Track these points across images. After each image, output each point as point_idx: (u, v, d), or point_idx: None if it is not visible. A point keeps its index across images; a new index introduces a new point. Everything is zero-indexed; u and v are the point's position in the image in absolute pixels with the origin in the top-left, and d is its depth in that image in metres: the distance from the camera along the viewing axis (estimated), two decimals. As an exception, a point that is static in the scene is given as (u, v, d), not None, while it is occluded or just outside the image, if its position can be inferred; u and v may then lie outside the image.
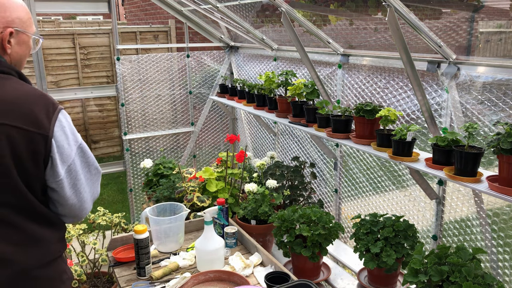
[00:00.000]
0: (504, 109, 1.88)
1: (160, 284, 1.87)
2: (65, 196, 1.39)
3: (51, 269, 1.42)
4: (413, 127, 1.97)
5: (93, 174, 1.48)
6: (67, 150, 1.36)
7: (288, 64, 3.40)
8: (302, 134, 3.33)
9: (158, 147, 4.22)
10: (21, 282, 1.33)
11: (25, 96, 1.33)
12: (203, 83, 4.30)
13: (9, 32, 1.36)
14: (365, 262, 2.09)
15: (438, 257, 1.71)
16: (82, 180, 1.43)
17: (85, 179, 1.45)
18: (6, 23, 1.36)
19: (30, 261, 1.36)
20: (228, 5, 3.19)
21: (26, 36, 1.43)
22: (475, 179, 1.71)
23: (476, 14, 2.03)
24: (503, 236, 2.00)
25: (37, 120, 1.30)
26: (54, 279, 1.43)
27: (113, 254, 2.11)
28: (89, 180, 1.46)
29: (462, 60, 2.05)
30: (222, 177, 2.84)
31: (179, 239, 2.19)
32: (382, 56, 2.47)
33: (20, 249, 1.34)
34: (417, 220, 2.44)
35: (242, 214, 2.59)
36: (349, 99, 2.78)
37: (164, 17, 7.84)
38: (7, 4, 1.36)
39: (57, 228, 1.46)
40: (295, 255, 2.24)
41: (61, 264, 1.47)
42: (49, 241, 1.41)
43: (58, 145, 1.34)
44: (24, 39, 1.42)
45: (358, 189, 2.86)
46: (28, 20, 1.43)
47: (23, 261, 1.34)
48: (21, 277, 1.34)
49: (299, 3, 2.85)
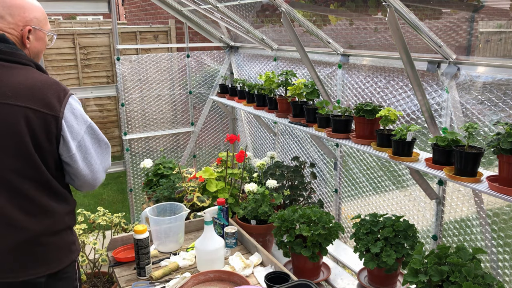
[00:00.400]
0: (504, 109, 1.88)
1: (160, 284, 1.87)
2: (79, 168, 1.59)
3: (59, 238, 1.61)
4: (413, 127, 1.97)
5: (103, 148, 1.70)
6: (76, 128, 1.57)
7: (288, 64, 3.40)
8: (302, 134, 3.33)
9: (158, 147, 4.22)
10: (32, 246, 1.54)
11: (41, 83, 1.53)
12: (203, 83, 4.30)
13: (28, 30, 1.58)
14: (365, 262, 2.09)
15: (438, 257, 1.71)
16: (93, 154, 1.64)
17: (96, 153, 1.65)
18: (25, 22, 1.58)
19: (40, 229, 1.55)
20: (228, 5, 3.19)
21: (42, 33, 1.65)
22: (475, 179, 1.71)
23: (476, 14, 2.03)
24: (503, 236, 2.00)
25: (50, 104, 1.51)
26: (62, 248, 1.62)
27: (113, 254, 2.11)
28: (99, 153, 1.67)
29: (462, 60, 2.05)
30: (222, 177, 2.84)
31: (179, 239, 2.19)
32: (382, 56, 2.47)
33: (32, 218, 1.53)
34: (417, 220, 2.44)
35: (242, 214, 2.59)
36: (349, 99, 2.78)
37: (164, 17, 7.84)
38: (26, 6, 1.59)
39: (66, 202, 1.64)
40: (295, 255, 2.24)
41: (70, 236, 1.66)
42: (58, 213, 1.60)
43: (68, 125, 1.54)
44: (41, 35, 1.65)
45: (358, 189, 2.86)
46: (44, 19, 1.66)
47: (34, 229, 1.53)
48: (32, 242, 1.54)
49: (299, 3, 2.85)
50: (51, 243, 1.58)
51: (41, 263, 1.57)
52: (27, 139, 1.48)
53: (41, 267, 1.56)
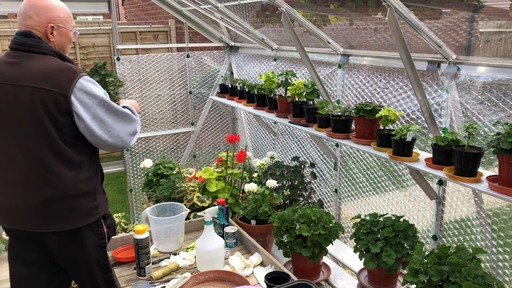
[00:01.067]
0: (504, 109, 1.88)
1: (160, 284, 1.87)
2: (97, 135, 1.90)
3: (75, 202, 1.91)
4: (413, 127, 1.97)
5: (121, 116, 1.98)
6: (88, 103, 1.86)
7: (288, 64, 3.40)
8: (302, 134, 3.33)
9: (158, 147, 4.22)
10: (50, 206, 1.88)
11: (55, 69, 1.85)
12: (203, 83, 4.30)
13: (50, 27, 1.91)
14: (365, 262, 2.09)
15: (438, 257, 1.71)
16: (110, 122, 1.93)
17: (114, 122, 1.95)
18: (49, 20, 1.91)
19: (55, 192, 1.87)
20: (228, 5, 3.19)
21: (66, 29, 1.98)
22: (475, 179, 1.71)
23: (476, 14, 2.03)
24: (503, 236, 2.00)
25: (60, 84, 1.82)
26: (78, 211, 1.93)
27: (113, 254, 2.11)
28: (118, 121, 1.97)
29: (462, 60, 2.05)
30: (222, 177, 2.84)
31: (179, 239, 2.19)
32: (382, 56, 2.47)
33: (49, 182, 1.86)
34: (417, 220, 2.44)
35: (242, 214, 2.59)
36: (349, 99, 2.78)
37: (164, 17, 7.84)
38: (49, 7, 1.92)
39: (78, 170, 1.92)
40: (295, 255, 2.24)
41: (88, 202, 1.96)
42: (71, 179, 1.89)
43: (79, 101, 1.84)
44: (64, 31, 1.97)
45: (358, 189, 2.86)
46: (68, 17, 1.98)
47: (51, 192, 1.87)
48: (50, 203, 1.88)
49: (299, 3, 2.85)
50: (66, 205, 1.90)
51: (59, 220, 1.90)
52: (42, 114, 1.81)
53: (58, 223, 1.90)
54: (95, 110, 1.88)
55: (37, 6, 1.89)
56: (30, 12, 1.89)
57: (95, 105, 1.88)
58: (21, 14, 1.91)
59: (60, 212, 1.90)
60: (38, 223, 1.89)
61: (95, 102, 1.88)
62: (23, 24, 1.90)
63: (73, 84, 1.83)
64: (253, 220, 2.55)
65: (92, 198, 1.98)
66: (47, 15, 1.90)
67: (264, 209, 2.50)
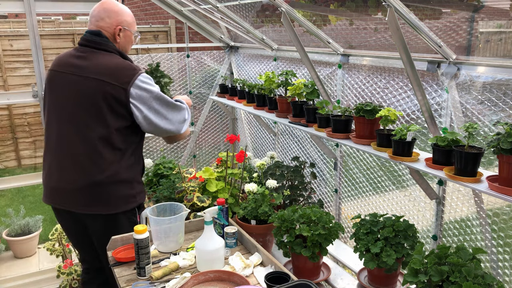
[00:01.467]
0: (504, 109, 1.88)
1: (160, 284, 1.87)
2: (153, 123, 2.14)
3: (116, 188, 2.11)
4: (413, 127, 1.97)
5: (173, 107, 2.21)
6: (145, 97, 2.09)
7: (288, 64, 3.40)
8: (302, 134, 3.33)
9: (158, 147, 4.22)
10: (94, 190, 2.08)
11: (118, 65, 2.10)
12: (203, 83, 4.30)
13: (118, 29, 2.18)
14: (365, 262, 2.09)
15: (438, 257, 1.71)
16: (163, 112, 2.17)
17: (167, 111, 2.18)
18: (118, 23, 2.18)
19: (101, 178, 2.06)
20: (228, 5, 3.19)
21: (130, 32, 2.24)
22: (475, 179, 1.71)
23: (476, 14, 2.03)
24: (503, 236, 2.00)
25: (121, 79, 2.05)
26: (119, 197, 2.12)
27: (113, 254, 2.11)
28: (170, 111, 2.20)
29: (462, 60, 2.05)
30: (222, 177, 2.83)
31: (179, 239, 2.19)
32: (382, 56, 2.47)
33: (98, 167, 2.06)
34: (417, 220, 2.44)
35: (242, 214, 2.59)
36: (349, 99, 2.78)
37: (164, 17, 7.84)
38: (119, 11, 2.20)
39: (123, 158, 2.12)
40: (295, 255, 2.24)
41: (128, 190, 2.16)
42: (116, 166, 2.10)
43: (136, 94, 2.07)
44: (128, 34, 2.23)
45: (358, 189, 2.86)
46: (133, 22, 2.26)
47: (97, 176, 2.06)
48: (95, 187, 2.07)
49: (299, 3, 2.85)
50: (108, 191, 2.09)
51: (99, 204, 2.08)
52: (102, 104, 2.04)
53: (98, 207, 2.09)
54: (151, 103, 2.11)
55: (109, 10, 2.17)
56: (102, 14, 2.16)
57: (151, 99, 2.11)
58: (93, 16, 2.17)
59: (102, 197, 2.09)
60: (80, 204, 2.10)
61: (151, 96, 2.11)
62: (95, 25, 2.16)
63: (132, 80, 2.06)
64: (253, 220, 2.55)
65: (131, 186, 2.17)
66: (117, 18, 2.17)
67: (264, 209, 2.50)
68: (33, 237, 4.04)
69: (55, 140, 2.13)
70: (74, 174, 2.08)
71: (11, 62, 6.12)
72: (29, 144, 6.49)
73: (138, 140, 2.22)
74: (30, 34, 3.23)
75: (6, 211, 4.23)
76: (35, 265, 3.89)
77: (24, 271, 3.73)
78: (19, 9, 3.21)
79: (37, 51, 3.27)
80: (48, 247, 3.06)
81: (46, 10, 3.37)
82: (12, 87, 6.17)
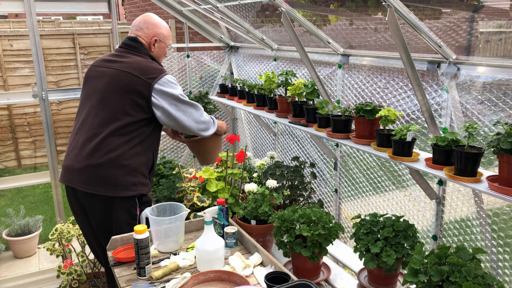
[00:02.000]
0: (504, 109, 1.88)
1: (160, 284, 1.87)
2: (173, 116, 2.34)
3: (117, 172, 2.24)
4: (413, 127, 1.96)
5: (192, 105, 2.42)
6: (166, 93, 2.30)
7: (288, 64, 3.40)
8: (302, 134, 3.33)
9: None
10: (98, 170, 2.23)
11: (147, 64, 2.34)
12: (203, 83, 4.30)
13: (154, 40, 2.45)
14: (365, 262, 2.09)
15: (438, 257, 1.71)
16: (183, 108, 2.37)
17: (186, 107, 2.39)
18: (154, 34, 2.45)
19: (107, 159, 2.22)
20: (228, 5, 3.19)
21: (164, 44, 2.49)
22: (475, 179, 1.71)
23: (476, 14, 2.03)
24: (503, 236, 2.00)
25: (148, 75, 2.29)
26: (118, 181, 2.24)
27: (113, 254, 2.11)
28: (190, 108, 2.41)
29: (462, 60, 2.05)
30: (222, 177, 2.83)
31: (179, 239, 2.19)
32: (382, 56, 2.47)
33: (106, 150, 2.23)
34: (417, 220, 2.44)
35: (242, 214, 2.59)
36: (349, 99, 2.78)
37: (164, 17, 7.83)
38: (157, 24, 2.47)
39: (131, 145, 2.27)
40: (295, 255, 2.24)
41: (130, 177, 2.27)
42: (122, 151, 2.25)
43: (158, 90, 2.28)
44: (162, 46, 2.49)
45: (358, 189, 2.86)
46: (168, 35, 2.51)
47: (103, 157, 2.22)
48: (99, 167, 2.23)
49: (299, 3, 2.85)
50: (109, 172, 2.22)
51: (99, 184, 2.22)
52: (126, 93, 2.26)
53: (98, 187, 2.23)
54: (172, 100, 2.32)
55: (149, 22, 2.46)
56: (142, 25, 2.45)
57: (172, 96, 2.32)
58: (134, 25, 2.46)
59: (101, 177, 2.22)
60: (82, 183, 2.25)
61: (173, 93, 2.32)
62: (134, 33, 2.45)
63: (158, 77, 2.29)
64: (253, 220, 2.55)
65: (133, 174, 2.28)
66: (154, 30, 2.45)
67: (264, 209, 2.50)
68: (33, 237, 4.04)
69: (79, 123, 2.34)
70: (82, 153, 2.25)
71: (11, 62, 6.12)
72: (29, 144, 6.48)
73: (149, 132, 2.35)
74: (30, 34, 3.23)
75: (6, 211, 4.24)
76: (35, 265, 3.89)
77: (24, 271, 3.73)
78: (19, 9, 3.21)
79: (37, 51, 3.27)
80: (48, 247, 3.05)
81: (46, 10, 3.37)
82: (12, 87, 6.16)
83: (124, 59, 2.35)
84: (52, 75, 6.40)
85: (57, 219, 3.54)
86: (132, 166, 2.27)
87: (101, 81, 2.34)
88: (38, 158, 6.53)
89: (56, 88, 6.33)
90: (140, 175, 2.31)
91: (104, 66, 2.37)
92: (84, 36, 6.55)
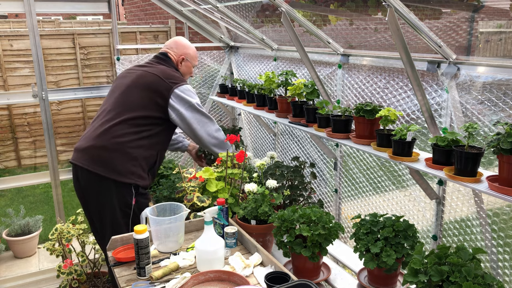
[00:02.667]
0: (504, 109, 1.88)
1: (160, 284, 1.87)
2: (190, 124, 2.63)
3: (117, 156, 2.43)
4: (413, 127, 1.96)
5: (207, 116, 2.71)
6: (183, 99, 2.58)
7: (288, 64, 3.40)
8: (302, 134, 3.33)
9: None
10: (102, 152, 2.44)
11: (172, 72, 2.67)
12: (203, 83, 4.29)
13: (181, 58, 2.82)
14: (365, 262, 2.09)
15: (438, 257, 1.71)
16: (197, 116, 2.64)
17: (201, 117, 2.65)
18: (182, 53, 2.83)
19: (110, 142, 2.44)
20: (228, 5, 3.19)
21: (190, 64, 2.85)
22: (475, 179, 1.71)
23: (476, 14, 2.03)
24: (503, 236, 2.00)
25: (171, 80, 2.59)
26: (116, 164, 2.43)
27: (113, 254, 2.11)
28: (204, 118, 2.68)
29: (462, 60, 2.05)
30: (222, 177, 2.83)
31: (179, 239, 2.19)
32: (382, 56, 2.47)
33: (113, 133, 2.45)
34: (417, 220, 2.44)
35: (242, 214, 2.59)
36: (349, 99, 2.78)
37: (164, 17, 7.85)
38: (186, 45, 2.86)
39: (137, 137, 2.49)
40: (295, 255, 2.24)
41: (130, 166, 2.45)
42: (127, 140, 2.45)
43: (176, 95, 2.57)
44: (188, 65, 2.85)
45: (358, 189, 2.86)
46: (195, 56, 2.88)
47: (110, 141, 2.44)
48: (104, 150, 2.45)
49: (299, 3, 2.85)
50: (110, 155, 2.42)
51: (104, 167, 2.41)
52: (147, 91, 2.54)
53: (104, 169, 2.41)
54: (188, 106, 2.59)
55: (179, 43, 2.84)
56: (173, 45, 2.84)
57: (189, 103, 2.59)
58: (167, 45, 2.85)
59: (105, 160, 2.42)
60: (87, 161, 2.44)
61: (190, 101, 2.60)
62: (165, 50, 2.81)
63: (179, 84, 2.59)
64: (253, 220, 2.55)
65: (133, 163, 2.46)
66: (183, 50, 2.82)
67: (264, 209, 2.50)
68: (33, 237, 4.04)
69: (99, 112, 2.59)
70: (92, 135, 2.48)
71: (11, 62, 6.12)
72: (29, 144, 6.48)
73: (158, 131, 2.57)
74: (30, 34, 3.23)
75: (6, 211, 4.24)
76: (35, 265, 3.90)
77: (24, 271, 3.73)
78: (19, 9, 3.21)
79: (37, 51, 3.27)
80: (48, 247, 3.05)
81: (46, 10, 3.37)
82: (12, 87, 6.16)
83: (153, 65, 2.69)
84: (52, 75, 6.40)
85: (57, 219, 3.54)
86: (134, 155, 2.45)
87: (128, 79, 2.62)
88: (38, 158, 6.53)
89: (56, 88, 6.33)
90: (139, 167, 2.48)
91: (134, 69, 2.69)
92: (84, 36, 6.55)
